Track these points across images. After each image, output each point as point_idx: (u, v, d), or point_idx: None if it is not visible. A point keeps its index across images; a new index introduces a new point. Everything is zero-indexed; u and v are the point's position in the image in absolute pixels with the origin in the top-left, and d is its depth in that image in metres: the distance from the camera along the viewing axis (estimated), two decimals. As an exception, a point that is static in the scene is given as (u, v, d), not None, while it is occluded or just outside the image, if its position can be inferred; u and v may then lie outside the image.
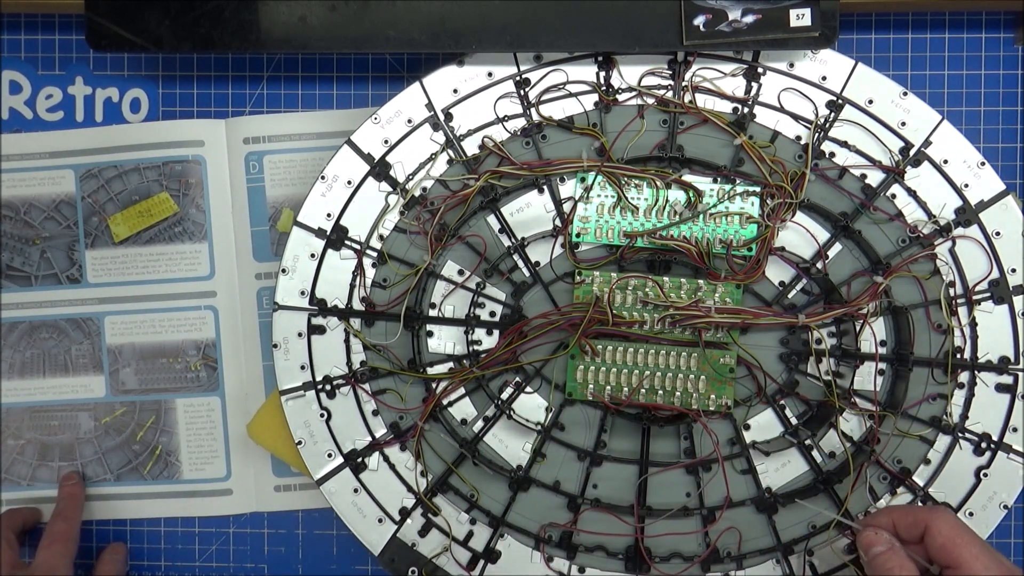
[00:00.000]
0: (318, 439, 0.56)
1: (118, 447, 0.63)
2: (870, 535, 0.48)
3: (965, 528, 0.46)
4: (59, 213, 0.63)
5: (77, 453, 0.63)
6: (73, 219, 0.63)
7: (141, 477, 0.63)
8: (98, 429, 0.63)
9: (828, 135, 0.55)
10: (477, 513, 0.56)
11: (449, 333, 0.56)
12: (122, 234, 0.62)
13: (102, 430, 0.63)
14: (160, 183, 0.62)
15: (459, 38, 0.54)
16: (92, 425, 0.63)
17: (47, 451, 0.63)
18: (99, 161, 0.62)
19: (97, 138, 0.62)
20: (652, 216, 0.55)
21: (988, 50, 0.61)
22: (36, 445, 0.63)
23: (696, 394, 0.55)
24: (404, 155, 0.56)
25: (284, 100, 0.62)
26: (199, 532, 0.63)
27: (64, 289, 0.63)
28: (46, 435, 0.63)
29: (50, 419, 0.63)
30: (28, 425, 0.63)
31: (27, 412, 0.63)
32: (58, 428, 0.63)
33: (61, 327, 0.63)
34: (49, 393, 0.63)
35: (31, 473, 0.63)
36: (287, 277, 0.56)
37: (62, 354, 0.63)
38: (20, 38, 0.63)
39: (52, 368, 0.63)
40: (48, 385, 0.63)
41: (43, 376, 0.63)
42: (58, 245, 0.63)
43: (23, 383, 0.63)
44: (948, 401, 0.55)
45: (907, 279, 0.55)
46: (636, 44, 0.54)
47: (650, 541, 0.55)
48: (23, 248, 0.63)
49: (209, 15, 0.55)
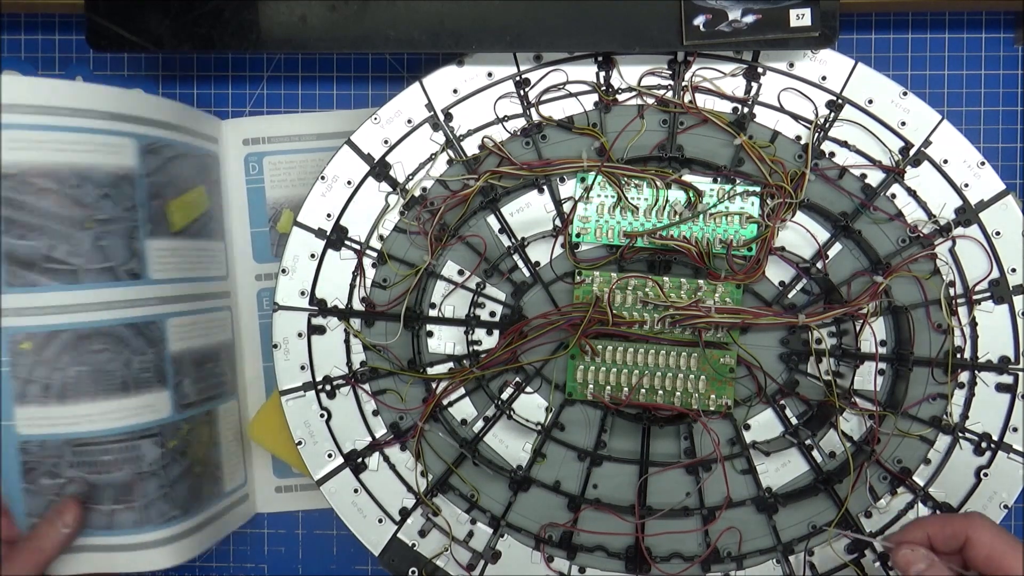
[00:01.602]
0: (318, 439, 0.56)
1: (182, 476, 0.52)
2: (908, 554, 0.45)
3: (1008, 536, 0.44)
4: (118, 191, 0.48)
5: (137, 492, 0.50)
6: (133, 201, 0.49)
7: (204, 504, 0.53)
8: (165, 457, 0.51)
9: (828, 135, 0.55)
10: (477, 513, 0.56)
11: (449, 333, 0.56)
12: (178, 224, 0.52)
13: (169, 457, 0.51)
14: (200, 174, 0.56)
15: (459, 38, 0.54)
16: (158, 454, 0.50)
17: (95, 493, 0.49)
18: (160, 136, 0.51)
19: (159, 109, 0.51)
20: (652, 216, 0.55)
21: (988, 50, 0.61)
22: (80, 485, 0.49)
23: (696, 394, 0.55)
24: (404, 155, 0.56)
25: (284, 100, 0.62)
26: (199, 532, 0.63)
27: (123, 287, 0.49)
28: (95, 473, 0.49)
29: (102, 453, 0.49)
30: (69, 461, 0.48)
31: (67, 446, 0.48)
32: (112, 464, 0.49)
33: (120, 335, 0.49)
34: (100, 421, 0.48)
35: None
36: (287, 277, 0.56)
37: (120, 369, 0.49)
38: (20, 38, 0.63)
39: (108, 388, 0.49)
40: (100, 411, 0.48)
41: (93, 399, 0.48)
42: (117, 232, 0.49)
43: (63, 410, 0.48)
44: (948, 401, 0.55)
45: (907, 279, 0.55)
46: (636, 44, 0.54)
47: (650, 541, 0.55)
48: (70, 233, 0.47)
49: (209, 15, 0.55)
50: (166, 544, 0.51)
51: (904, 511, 0.55)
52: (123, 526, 0.50)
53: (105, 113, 0.48)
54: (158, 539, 0.51)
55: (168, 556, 0.51)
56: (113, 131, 0.48)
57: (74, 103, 0.47)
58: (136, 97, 0.50)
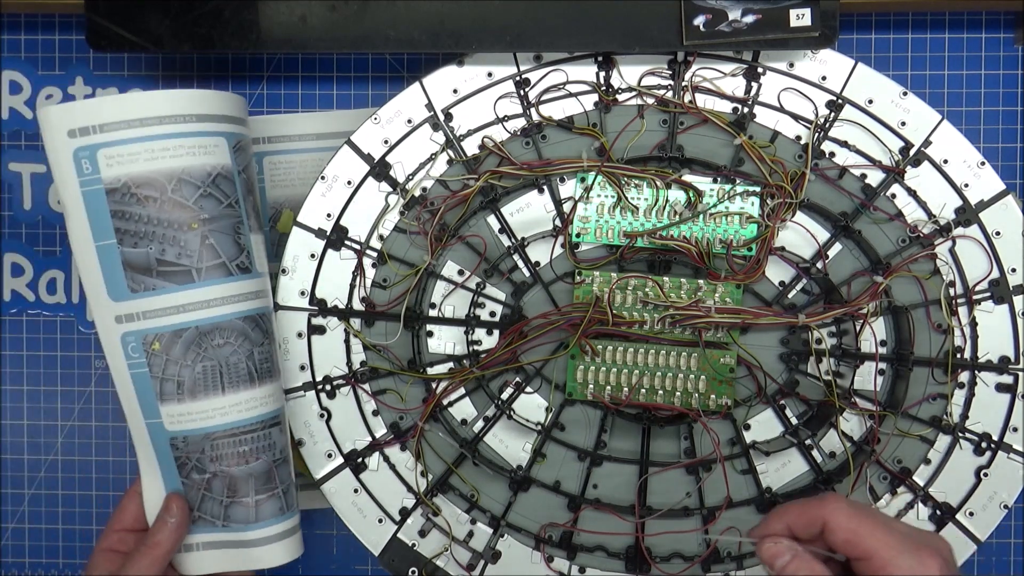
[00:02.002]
0: (318, 439, 0.56)
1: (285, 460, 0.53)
2: (771, 547, 0.43)
3: (863, 513, 0.42)
4: (218, 189, 0.50)
5: (276, 479, 0.51)
6: (234, 197, 0.50)
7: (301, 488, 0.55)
8: (288, 447, 0.53)
9: (828, 135, 0.55)
10: (477, 513, 0.56)
11: (449, 333, 0.56)
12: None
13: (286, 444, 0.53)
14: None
15: (459, 38, 0.54)
16: (285, 440, 0.52)
17: (237, 485, 0.51)
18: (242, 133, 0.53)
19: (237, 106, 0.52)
20: (652, 216, 0.55)
21: (988, 50, 0.61)
22: (224, 479, 0.50)
23: (696, 394, 0.55)
24: (404, 155, 0.56)
25: (284, 100, 0.62)
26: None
27: (236, 281, 0.50)
28: (235, 464, 0.50)
29: (239, 444, 0.50)
30: (210, 456, 0.50)
31: (205, 440, 0.50)
32: (250, 453, 0.50)
33: (239, 328, 0.50)
34: (232, 413, 0.50)
35: (223, 512, 0.51)
36: (287, 277, 0.56)
37: (244, 361, 0.50)
38: (20, 38, 0.63)
39: (234, 380, 0.50)
40: (230, 403, 0.50)
41: (222, 392, 0.50)
42: (222, 228, 0.50)
43: (196, 405, 0.50)
44: (948, 401, 0.55)
45: (907, 279, 0.55)
46: (636, 44, 0.54)
47: (650, 541, 0.55)
48: (176, 235, 0.49)
49: (209, 15, 0.55)
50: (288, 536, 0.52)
51: (904, 511, 0.55)
52: (268, 516, 0.51)
53: (193, 116, 0.49)
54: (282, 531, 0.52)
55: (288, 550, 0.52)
56: (205, 132, 0.50)
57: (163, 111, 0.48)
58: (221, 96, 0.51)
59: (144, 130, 0.48)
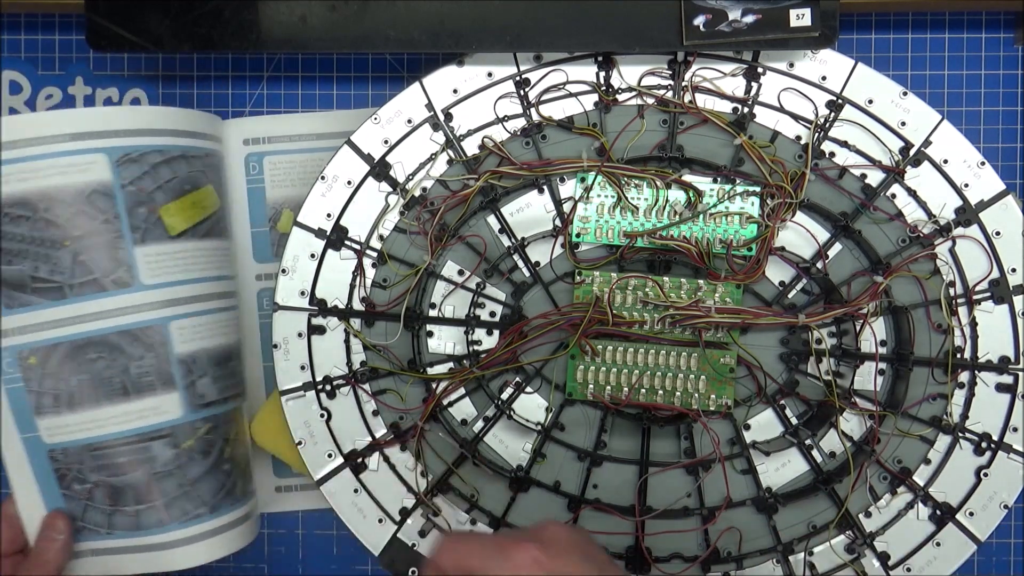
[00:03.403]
0: (318, 439, 0.56)
1: (206, 474, 0.54)
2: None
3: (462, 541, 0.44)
4: (92, 206, 0.51)
5: (156, 492, 0.52)
6: (112, 212, 0.51)
7: (237, 500, 0.56)
8: (180, 457, 0.53)
9: (828, 135, 0.55)
10: (477, 513, 0.56)
11: (449, 333, 0.56)
12: (178, 227, 0.54)
13: (185, 457, 0.53)
14: (205, 174, 0.56)
15: (459, 38, 0.54)
16: (171, 454, 0.53)
17: (119, 495, 0.52)
18: (139, 144, 0.53)
19: (134, 119, 0.53)
20: (652, 216, 0.55)
21: (988, 50, 0.61)
22: (105, 488, 0.52)
23: (696, 394, 0.55)
24: (404, 155, 0.56)
25: (284, 100, 0.62)
26: (199, 532, 0.62)
27: (111, 296, 0.52)
28: (114, 475, 0.52)
29: (115, 456, 0.52)
30: (90, 466, 0.52)
31: (86, 451, 0.52)
32: (128, 465, 0.52)
33: (112, 342, 0.51)
34: (108, 425, 0.52)
35: (107, 520, 0.53)
36: (287, 277, 0.56)
37: (118, 375, 0.52)
38: (20, 38, 0.63)
39: (108, 393, 0.52)
40: (106, 416, 0.51)
41: (97, 405, 0.51)
42: (96, 245, 0.51)
43: (74, 417, 0.51)
44: (948, 401, 0.55)
45: (907, 279, 0.55)
46: (636, 44, 0.54)
47: (650, 541, 0.55)
48: (48, 253, 0.51)
49: (209, 15, 0.55)
50: (196, 541, 0.54)
51: (904, 511, 0.55)
52: (148, 526, 0.53)
53: (66, 136, 0.51)
54: (186, 537, 0.53)
55: (200, 553, 0.54)
56: (80, 151, 0.51)
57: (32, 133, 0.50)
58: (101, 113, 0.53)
59: (15, 152, 0.50)
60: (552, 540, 0.42)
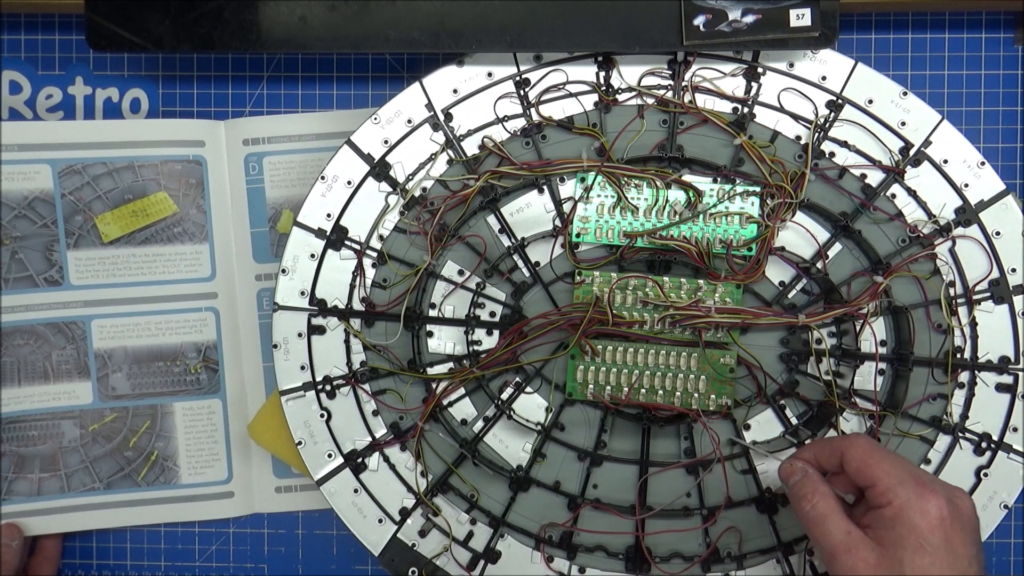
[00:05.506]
0: (318, 439, 0.56)
1: (108, 455, 0.61)
2: (786, 466, 0.49)
3: (877, 448, 0.46)
4: (33, 211, 0.59)
5: (60, 463, 0.60)
6: (51, 218, 0.59)
7: (135, 484, 0.61)
8: (85, 437, 0.61)
9: (828, 135, 0.55)
10: (477, 513, 0.56)
11: (449, 333, 0.56)
12: (112, 234, 0.60)
13: (89, 438, 0.61)
14: (158, 182, 0.60)
15: (459, 38, 0.54)
16: (78, 433, 0.61)
17: (25, 463, 0.60)
18: (84, 157, 0.60)
19: (82, 133, 0.60)
20: (652, 216, 0.55)
21: (988, 50, 0.61)
22: (13, 457, 0.60)
23: (696, 394, 0.55)
24: (404, 155, 0.56)
25: (284, 100, 0.62)
26: (199, 532, 0.63)
27: (42, 292, 0.60)
28: (24, 446, 0.60)
29: (28, 429, 0.60)
30: (4, 437, 0.60)
31: (3, 423, 0.60)
32: (38, 438, 0.60)
33: (39, 332, 0.60)
34: (26, 402, 0.60)
35: (6, 487, 0.60)
36: (287, 277, 0.56)
37: (40, 361, 0.60)
38: (20, 38, 0.63)
39: (29, 376, 0.60)
40: (25, 394, 0.60)
41: (18, 384, 0.60)
42: (33, 246, 0.60)
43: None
44: (948, 401, 0.55)
45: (907, 279, 0.55)
46: (636, 44, 0.54)
47: (650, 541, 0.55)
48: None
49: (209, 15, 0.55)
50: (90, 510, 0.61)
51: (904, 511, 0.55)
52: (49, 492, 0.61)
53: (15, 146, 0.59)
54: (81, 504, 0.61)
55: (90, 520, 0.61)
56: (26, 160, 0.59)
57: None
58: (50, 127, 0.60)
59: None
60: (961, 512, 0.44)
